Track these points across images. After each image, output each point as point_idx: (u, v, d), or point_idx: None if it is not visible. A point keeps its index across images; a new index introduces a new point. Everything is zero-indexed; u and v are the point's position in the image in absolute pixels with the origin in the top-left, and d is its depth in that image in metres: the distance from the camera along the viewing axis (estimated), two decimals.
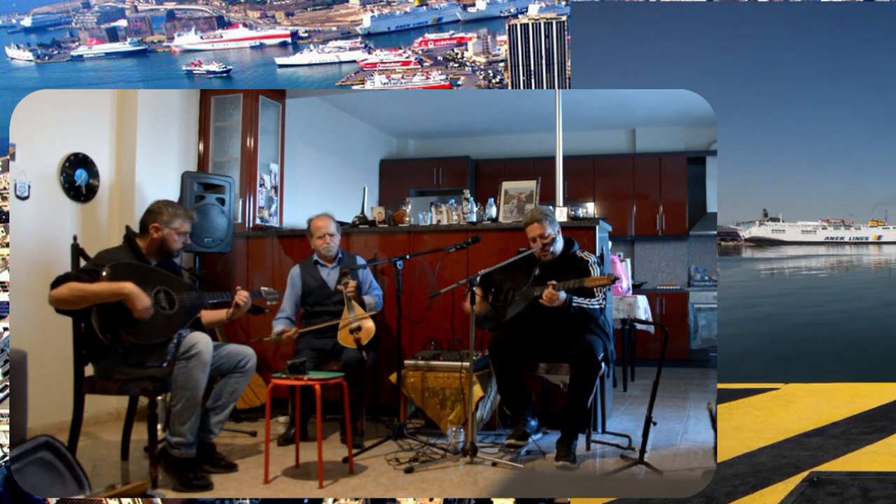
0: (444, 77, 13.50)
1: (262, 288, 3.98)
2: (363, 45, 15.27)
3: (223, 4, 17.50)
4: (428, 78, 13.44)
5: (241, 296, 3.76)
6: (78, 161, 4.91)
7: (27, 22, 17.67)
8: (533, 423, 4.07)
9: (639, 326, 6.69)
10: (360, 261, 4.72)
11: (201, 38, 16.23)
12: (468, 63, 14.34)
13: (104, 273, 3.37)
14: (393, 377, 4.46)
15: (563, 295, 3.81)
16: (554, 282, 3.81)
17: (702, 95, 7.31)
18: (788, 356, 7.71)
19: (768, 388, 5.06)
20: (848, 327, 9.78)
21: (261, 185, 5.99)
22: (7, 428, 4.05)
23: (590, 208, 6.96)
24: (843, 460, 3.09)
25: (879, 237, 32.78)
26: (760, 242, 29.94)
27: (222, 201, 5.13)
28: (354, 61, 14.72)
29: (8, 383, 3.69)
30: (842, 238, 31.45)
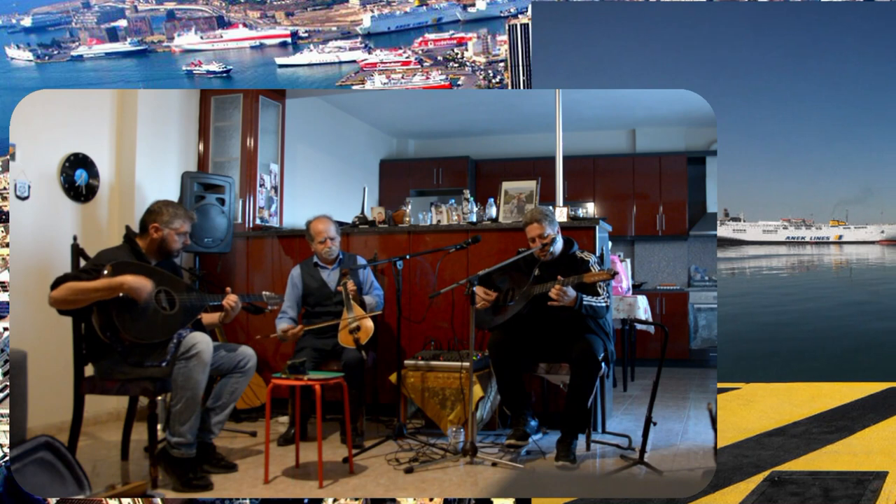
0: (444, 77, 13.50)
1: (264, 293, 3.98)
2: (363, 45, 15.27)
3: (223, 4, 17.50)
4: (428, 78, 13.44)
5: (230, 300, 3.75)
6: (78, 161, 4.91)
7: (27, 22, 17.67)
8: (533, 423, 4.07)
9: (639, 326, 6.68)
10: (361, 261, 4.72)
11: (201, 38, 16.23)
12: (468, 63, 14.34)
13: (105, 272, 3.37)
14: (393, 377, 4.46)
15: (572, 292, 3.81)
16: (560, 277, 3.80)
17: (657, 94, 7.31)
18: (749, 356, 7.73)
19: (729, 387, 5.08)
20: (809, 327, 9.80)
21: (261, 185, 5.99)
22: (7, 428, 4.05)
23: (590, 208, 6.95)
24: (804, 460, 3.10)
25: (840, 237, 32.89)
26: (721, 242, 30.03)
27: (222, 201, 5.13)
28: (354, 61, 14.72)
29: (8, 383, 3.69)
30: (803, 238, 31.57)
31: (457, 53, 14.75)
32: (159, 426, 3.64)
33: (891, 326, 9.55)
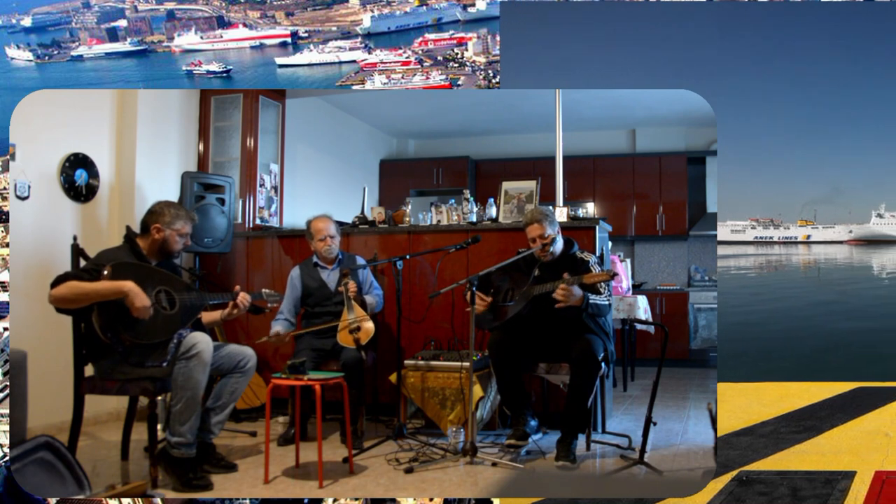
0: (444, 77, 13.47)
1: (264, 290, 3.99)
2: (363, 45, 15.25)
3: (223, 4, 17.49)
4: (428, 78, 13.42)
5: (244, 298, 3.77)
6: (78, 161, 4.91)
7: (27, 22, 17.65)
8: (533, 423, 4.07)
9: (639, 326, 6.68)
10: (360, 261, 4.72)
11: (201, 38, 16.21)
12: (468, 63, 14.33)
13: (105, 272, 3.37)
14: (393, 377, 4.46)
15: (578, 292, 3.80)
16: (567, 275, 3.80)
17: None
18: (718, 355, 7.74)
19: None
20: (777, 327, 9.82)
21: (261, 185, 5.99)
22: (7, 428, 4.05)
23: (590, 208, 6.95)
24: (772, 459, 3.11)
25: (808, 237, 32.98)
26: None
27: (222, 201, 5.13)
28: (354, 61, 14.69)
29: (8, 383, 3.69)
30: (771, 237, 31.64)
31: (457, 53, 14.74)
32: (159, 426, 3.64)
33: (859, 326, 9.58)
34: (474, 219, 5.01)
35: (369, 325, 4.30)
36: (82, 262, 3.68)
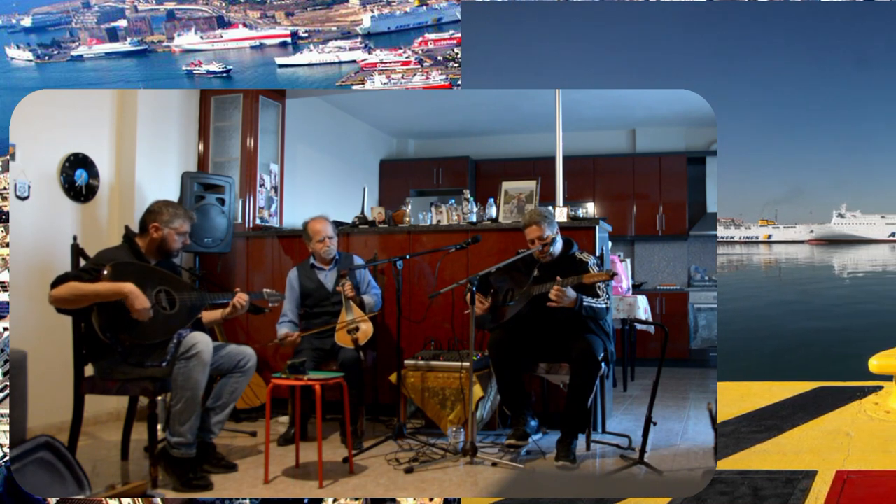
0: (444, 77, 13.47)
1: (265, 290, 3.99)
2: (363, 45, 15.24)
3: (223, 4, 17.49)
4: (428, 78, 13.42)
5: (241, 298, 3.77)
6: (78, 161, 4.91)
7: (27, 22, 17.65)
8: (533, 423, 4.07)
9: (639, 326, 6.69)
10: (358, 261, 4.72)
11: (201, 38, 16.21)
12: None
13: (105, 272, 3.37)
14: (393, 377, 4.46)
15: (571, 293, 3.80)
16: (559, 277, 3.80)
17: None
18: None
19: None
20: (738, 326, 9.83)
21: (261, 185, 5.99)
22: (7, 428, 4.04)
23: (590, 208, 6.95)
24: (733, 459, 3.09)
25: (769, 236, 33.02)
26: None
27: (222, 201, 5.13)
28: (354, 61, 14.69)
29: (8, 383, 3.69)
30: (732, 237, 31.66)
31: (457, 53, 14.74)
32: (159, 426, 3.64)
33: (820, 326, 9.62)
34: (474, 219, 5.01)
35: (367, 326, 4.30)
36: (82, 262, 3.68)
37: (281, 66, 15.12)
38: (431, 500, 3.52)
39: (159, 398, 3.64)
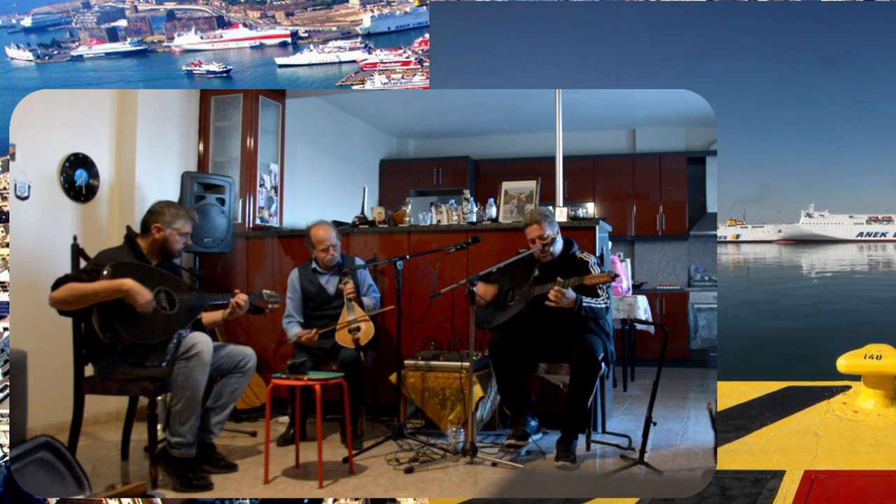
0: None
1: (265, 291, 3.98)
2: (363, 45, 15.24)
3: (223, 4, 17.48)
4: (428, 78, 13.41)
5: (241, 298, 3.77)
6: (78, 161, 4.91)
7: (27, 22, 17.64)
8: (533, 423, 4.07)
9: (639, 326, 6.69)
10: (359, 262, 4.72)
11: (201, 38, 16.21)
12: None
13: (105, 272, 3.37)
14: (393, 377, 4.46)
15: (571, 294, 3.80)
16: (560, 279, 3.80)
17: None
18: None
19: None
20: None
21: (261, 185, 5.99)
22: (7, 428, 4.04)
23: (590, 208, 6.95)
24: None
25: (738, 236, 33.00)
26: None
27: (222, 201, 5.13)
28: (354, 61, 14.69)
29: (8, 383, 3.68)
30: None
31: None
32: (159, 426, 3.64)
33: (788, 326, 9.63)
34: (474, 219, 5.01)
35: (368, 326, 4.30)
36: (82, 263, 3.68)
37: (281, 66, 15.12)
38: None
39: (159, 398, 3.64)
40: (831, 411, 3.36)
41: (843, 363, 3.29)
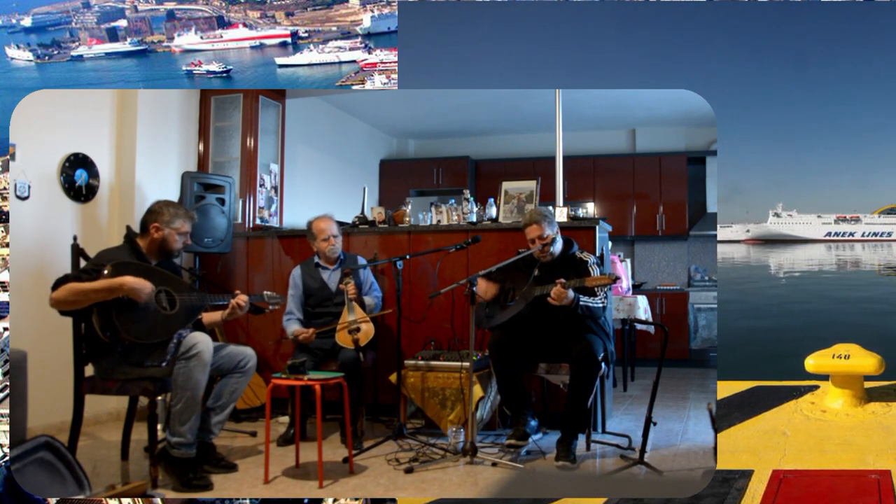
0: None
1: (265, 292, 3.98)
2: (363, 45, 15.25)
3: (223, 4, 17.49)
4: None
5: (241, 299, 3.77)
6: (78, 161, 4.91)
7: (27, 22, 17.66)
8: (533, 423, 4.07)
9: (639, 326, 6.69)
10: (361, 261, 4.72)
11: (201, 38, 16.22)
12: None
13: (105, 272, 3.37)
14: (393, 377, 4.46)
15: (571, 293, 3.81)
16: (562, 280, 3.80)
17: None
18: None
19: None
20: None
21: (261, 185, 5.99)
22: (7, 428, 4.04)
23: (590, 208, 6.95)
24: None
25: None
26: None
27: (222, 201, 5.13)
28: (354, 61, 14.70)
29: (8, 383, 3.68)
30: None
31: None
32: (159, 426, 3.64)
33: (756, 325, 9.63)
34: (474, 219, 5.01)
35: (369, 327, 4.30)
36: (82, 263, 3.68)
37: (281, 66, 15.13)
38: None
39: (159, 398, 3.64)
40: (799, 411, 3.37)
41: (812, 363, 3.30)
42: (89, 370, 3.64)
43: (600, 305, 3.96)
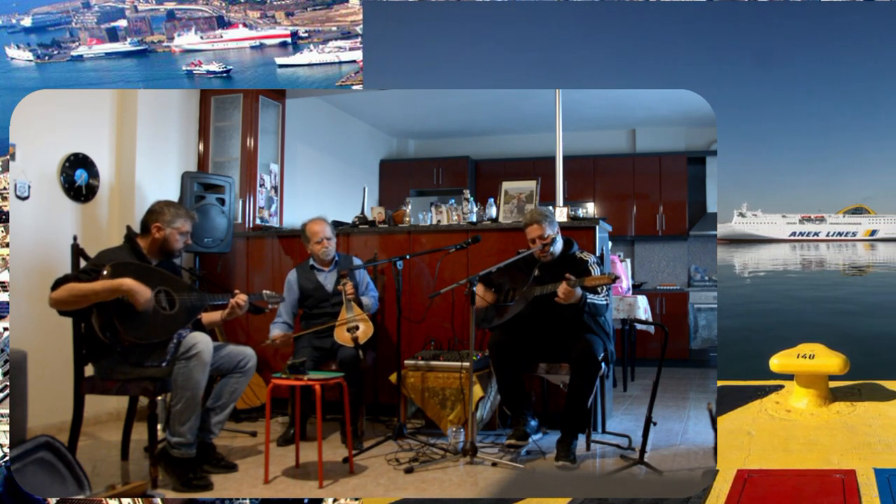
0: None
1: (265, 291, 3.98)
2: (363, 45, 15.23)
3: (223, 4, 17.48)
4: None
5: (240, 299, 3.77)
6: (78, 161, 4.91)
7: (27, 22, 17.64)
8: (533, 423, 4.07)
9: (639, 326, 6.68)
10: (357, 262, 4.72)
11: (201, 38, 16.21)
12: None
13: (105, 272, 3.37)
14: (393, 377, 4.46)
15: (579, 291, 3.81)
16: (571, 276, 3.79)
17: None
18: None
19: None
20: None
21: (261, 185, 5.99)
22: (7, 428, 4.04)
23: (590, 208, 6.95)
24: None
25: None
26: None
27: (222, 201, 5.13)
28: (354, 61, 14.69)
29: (8, 383, 3.69)
30: None
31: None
32: (159, 426, 3.64)
33: (721, 325, 9.60)
34: (474, 219, 5.01)
35: (368, 326, 4.30)
36: (82, 263, 3.68)
37: (281, 66, 15.11)
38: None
39: (159, 398, 3.64)
40: (764, 411, 3.37)
41: (776, 362, 3.30)
42: (89, 370, 3.64)
43: (604, 303, 3.97)
